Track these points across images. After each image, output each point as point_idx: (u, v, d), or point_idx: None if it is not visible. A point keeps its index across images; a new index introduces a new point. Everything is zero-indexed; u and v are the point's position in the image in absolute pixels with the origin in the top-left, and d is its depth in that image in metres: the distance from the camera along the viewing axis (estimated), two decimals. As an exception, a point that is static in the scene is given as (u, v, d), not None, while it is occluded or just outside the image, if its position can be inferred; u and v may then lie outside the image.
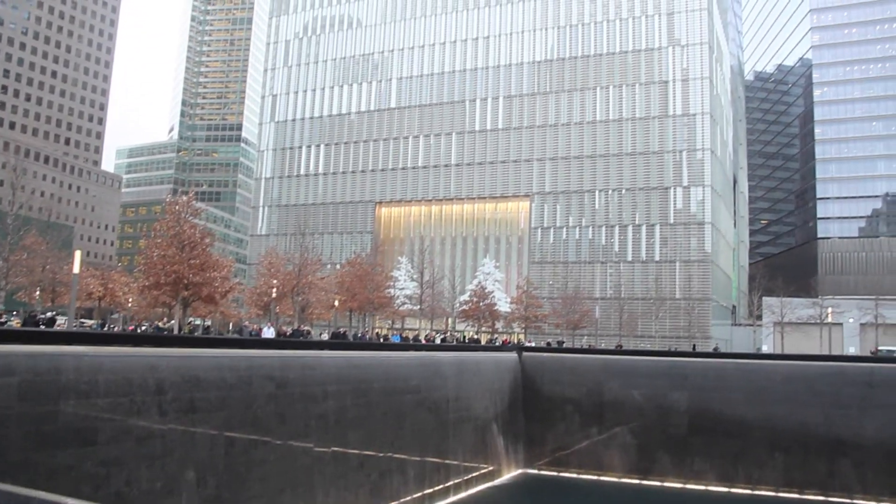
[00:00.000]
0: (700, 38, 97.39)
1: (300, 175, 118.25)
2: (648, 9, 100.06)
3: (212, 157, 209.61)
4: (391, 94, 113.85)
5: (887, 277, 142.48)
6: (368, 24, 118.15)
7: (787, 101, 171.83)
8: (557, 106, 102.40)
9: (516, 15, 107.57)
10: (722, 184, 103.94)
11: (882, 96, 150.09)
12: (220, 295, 56.80)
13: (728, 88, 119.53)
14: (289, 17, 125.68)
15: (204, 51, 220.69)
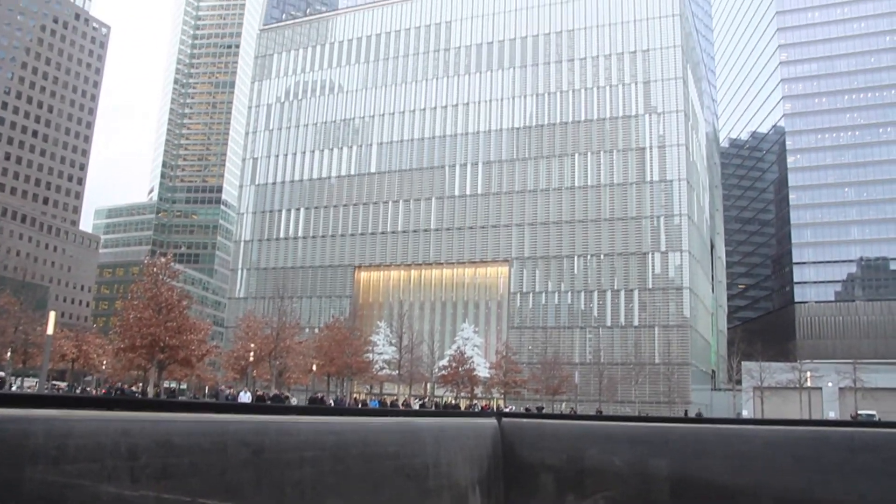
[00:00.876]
0: (676, 107, 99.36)
1: (279, 238, 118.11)
2: (625, 77, 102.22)
3: (191, 219, 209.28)
4: (371, 159, 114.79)
5: (864, 341, 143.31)
6: (350, 90, 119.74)
7: (762, 167, 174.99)
8: (536, 172, 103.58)
9: (495, 82, 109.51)
10: (699, 249, 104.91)
11: (853, 163, 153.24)
12: (197, 358, 56.12)
13: (704, 155, 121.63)
14: (271, 81, 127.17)
15: (186, 113, 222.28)
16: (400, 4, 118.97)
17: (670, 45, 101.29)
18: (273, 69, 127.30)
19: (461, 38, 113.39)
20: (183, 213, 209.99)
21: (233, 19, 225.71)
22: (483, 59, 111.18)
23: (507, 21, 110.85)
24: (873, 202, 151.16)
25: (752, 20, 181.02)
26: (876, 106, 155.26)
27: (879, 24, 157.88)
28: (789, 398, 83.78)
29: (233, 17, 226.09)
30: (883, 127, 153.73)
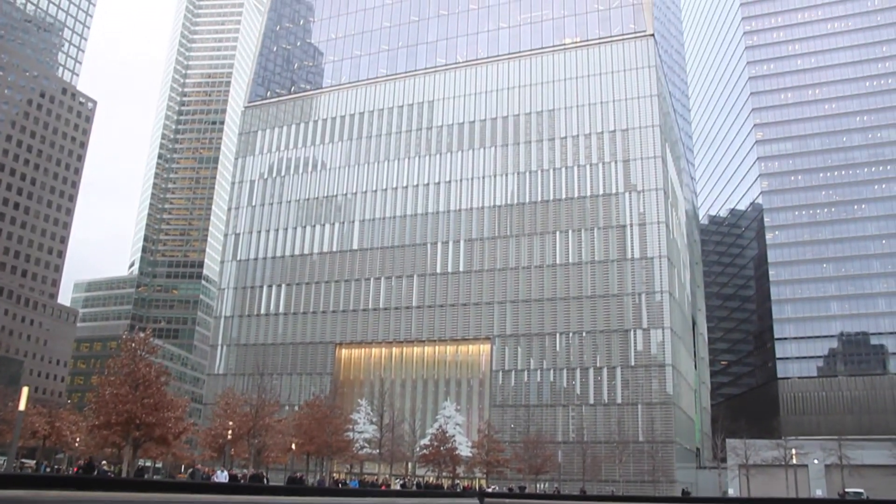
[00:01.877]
0: (655, 184, 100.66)
1: (260, 314, 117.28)
2: (605, 156, 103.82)
3: (172, 294, 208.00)
4: (353, 236, 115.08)
5: (848, 417, 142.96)
6: (333, 167, 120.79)
7: (741, 244, 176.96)
8: (518, 249, 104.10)
9: (477, 160, 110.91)
10: (681, 326, 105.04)
11: (830, 239, 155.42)
12: (174, 436, 55.02)
13: (684, 232, 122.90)
14: (254, 157, 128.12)
15: (169, 188, 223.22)
16: (383, 84, 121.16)
17: (649, 125, 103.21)
18: (257, 146, 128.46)
19: (443, 117, 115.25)
20: (163, 288, 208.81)
21: (218, 96, 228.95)
22: (465, 137, 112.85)
23: (488, 101, 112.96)
24: (852, 277, 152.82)
25: (727, 100, 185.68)
26: (850, 183, 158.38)
27: (849, 105, 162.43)
28: (776, 476, 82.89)
29: (218, 93, 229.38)
30: (857, 204, 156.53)
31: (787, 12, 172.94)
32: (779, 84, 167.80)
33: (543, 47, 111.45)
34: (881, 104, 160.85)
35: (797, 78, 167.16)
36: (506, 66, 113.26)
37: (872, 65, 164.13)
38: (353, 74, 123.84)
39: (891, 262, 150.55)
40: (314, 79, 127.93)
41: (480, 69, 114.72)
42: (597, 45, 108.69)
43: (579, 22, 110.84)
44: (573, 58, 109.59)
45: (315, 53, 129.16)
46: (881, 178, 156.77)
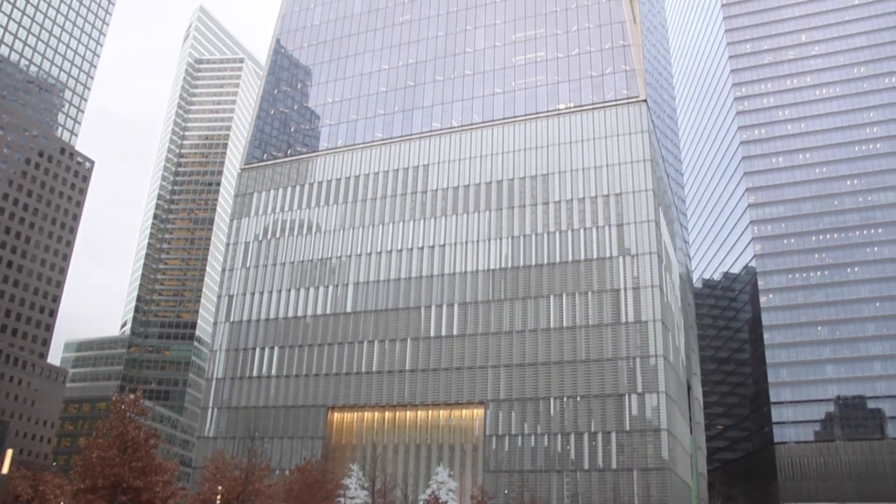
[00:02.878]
0: (649, 248, 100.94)
1: (252, 377, 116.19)
2: (599, 220, 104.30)
3: (163, 355, 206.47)
4: (347, 299, 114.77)
5: (847, 482, 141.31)
6: (328, 230, 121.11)
7: (736, 307, 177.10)
8: (512, 313, 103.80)
9: (472, 224, 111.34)
10: (676, 390, 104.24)
11: (824, 302, 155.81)
12: (161, 501, 54.14)
13: (678, 296, 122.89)
14: (250, 219, 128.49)
15: (164, 248, 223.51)
16: (379, 148, 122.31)
17: (642, 189, 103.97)
18: (252, 207, 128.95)
19: (438, 181, 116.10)
20: (155, 349, 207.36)
21: (215, 157, 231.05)
22: (460, 201, 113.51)
23: (483, 165, 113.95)
24: (847, 340, 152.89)
25: (720, 165, 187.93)
26: (842, 246, 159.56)
27: (840, 168, 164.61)
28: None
29: (215, 155, 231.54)
30: (850, 266, 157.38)
31: (777, 79, 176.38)
32: (770, 149, 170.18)
33: (538, 112, 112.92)
34: (871, 168, 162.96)
35: (788, 143, 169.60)
36: (500, 130, 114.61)
37: (860, 130, 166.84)
38: (350, 138, 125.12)
39: (885, 324, 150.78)
40: (311, 142, 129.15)
41: (475, 134, 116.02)
42: (590, 110, 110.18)
43: (573, 88, 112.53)
44: (567, 123, 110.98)
45: (312, 117, 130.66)
46: (873, 240, 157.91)
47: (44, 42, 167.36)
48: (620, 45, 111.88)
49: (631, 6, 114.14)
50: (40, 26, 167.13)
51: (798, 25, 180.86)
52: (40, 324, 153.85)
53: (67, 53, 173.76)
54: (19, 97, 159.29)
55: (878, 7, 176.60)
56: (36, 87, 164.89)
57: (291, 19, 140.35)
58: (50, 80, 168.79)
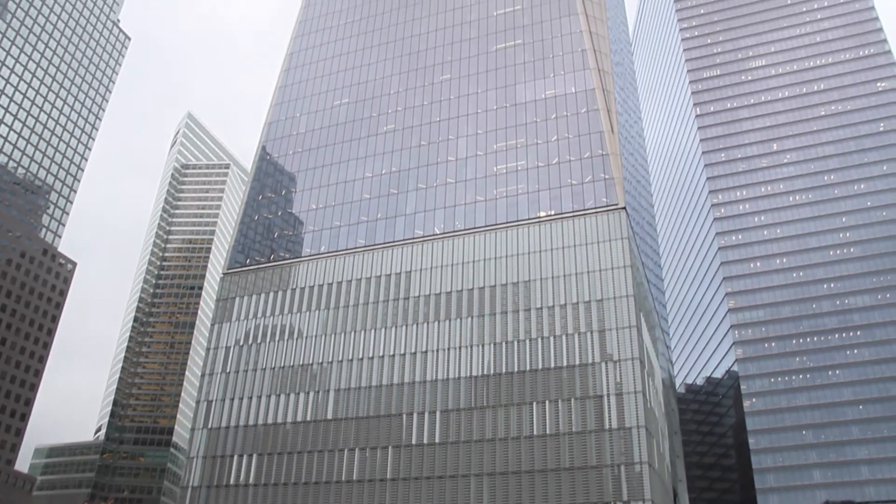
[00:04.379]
0: (631, 354, 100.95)
1: (230, 485, 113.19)
2: (581, 326, 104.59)
3: (138, 462, 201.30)
4: (328, 405, 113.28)
5: None
6: (309, 335, 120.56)
7: (720, 412, 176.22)
8: (494, 421, 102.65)
9: (454, 331, 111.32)
10: (662, 497, 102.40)
11: (808, 406, 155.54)
12: None
13: (661, 402, 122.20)
14: (231, 324, 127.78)
15: (143, 351, 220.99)
16: (361, 254, 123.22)
17: (623, 295, 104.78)
18: (234, 312, 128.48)
19: (420, 288, 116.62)
20: (129, 455, 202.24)
21: (198, 262, 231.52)
22: (442, 308, 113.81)
23: (465, 272, 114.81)
24: (832, 444, 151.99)
25: (699, 270, 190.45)
26: (822, 349, 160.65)
27: (817, 272, 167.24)
28: None
29: (198, 259, 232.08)
30: (831, 369, 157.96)
31: (752, 186, 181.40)
32: (748, 254, 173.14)
33: (519, 220, 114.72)
34: (846, 272, 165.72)
35: (765, 248, 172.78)
36: (482, 238, 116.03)
37: (834, 234, 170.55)
38: (333, 244, 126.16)
39: (870, 427, 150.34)
40: (294, 247, 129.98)
41: (457, 241, 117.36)
42: (570, 218, 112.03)
43: (553, 196, 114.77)
44: (548, 230, 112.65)
45: (295, 223, 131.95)
46: (851, 343, 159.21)
47: (33, 145, 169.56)
48: (599, 154, 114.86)
49: (608, 117, 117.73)
50: (31, 130, 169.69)
51: (770, 135, 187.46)
52: (10, 428, 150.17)
53: (55, 156, 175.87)
54: (4, 198, 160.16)
55: (844, 118, 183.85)
56: (22, 189, 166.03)
57: (277, 127, 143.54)
58: (37, 182, 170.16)
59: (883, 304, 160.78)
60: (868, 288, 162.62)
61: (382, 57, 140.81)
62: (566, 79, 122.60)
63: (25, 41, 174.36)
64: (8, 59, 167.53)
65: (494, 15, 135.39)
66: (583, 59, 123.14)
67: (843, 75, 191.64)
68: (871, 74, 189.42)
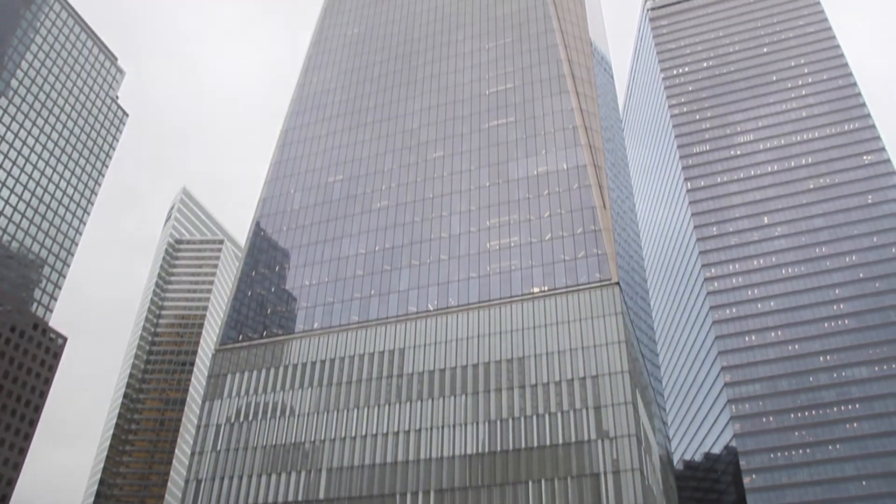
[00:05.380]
0: (628, 431, 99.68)
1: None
2: (576, 403, 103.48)
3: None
4: (321, 485, 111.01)
5: None
6: (302, 413, 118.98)
7: (719, 489, 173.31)
8: (489, 499, 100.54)
9: (448, 409, 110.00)
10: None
11: (809, 482, 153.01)
12: None
13: (659, 479, 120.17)
14: (223, 401, 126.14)
15: (132, 429, 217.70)
16: (355, 331, 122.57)
17: (618, 371, 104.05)
18: (226, 389, 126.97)
19: (414, 365, 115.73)
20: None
21: (190, 338, 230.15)
22: (436, 385, 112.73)
23: (459, 349, 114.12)
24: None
25: (694, 344, 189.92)
26: (821, 423, 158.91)
27: (813, 345, 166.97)
28: None
29: (190, 335, 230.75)
30: (831, 444, 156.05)
31: (744, 259, 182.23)
32: (742, 327, 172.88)
33: (512, 296, 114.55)
34: (842, 344, 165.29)
35: (759, 321, 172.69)
36: (476, 314, 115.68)
37: (828, 307, 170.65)
38: (326, 321, 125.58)
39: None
40: (287, 324, 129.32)
41: (451, 318, 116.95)
42: (564, 293, 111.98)
43: (547, 272, 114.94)
44: (542, 306, 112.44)
45: (289, 299, 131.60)
46: (850, 417, 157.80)
47: (28, 218, 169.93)
48: (592, 229, 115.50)
49: (600, 193, 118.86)
50: (26, 203, 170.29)
51: (760, 209, 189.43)
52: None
53: (50, 230, 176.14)
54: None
55: (833, 191, 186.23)
56: (15, 262, 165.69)
57: (272, 203, 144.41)
58: (30, 255, 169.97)
59: (881, 377, 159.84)
60: (865, 360, 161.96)
61: (376, 134, 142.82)
62: (558, 155, 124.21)
63: (25, 117, 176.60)
64: (7, 135, 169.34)
65: (487, 93, 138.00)
66: (574, 135, 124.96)
67: (829, 149, 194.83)
68: (857, 148, 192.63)
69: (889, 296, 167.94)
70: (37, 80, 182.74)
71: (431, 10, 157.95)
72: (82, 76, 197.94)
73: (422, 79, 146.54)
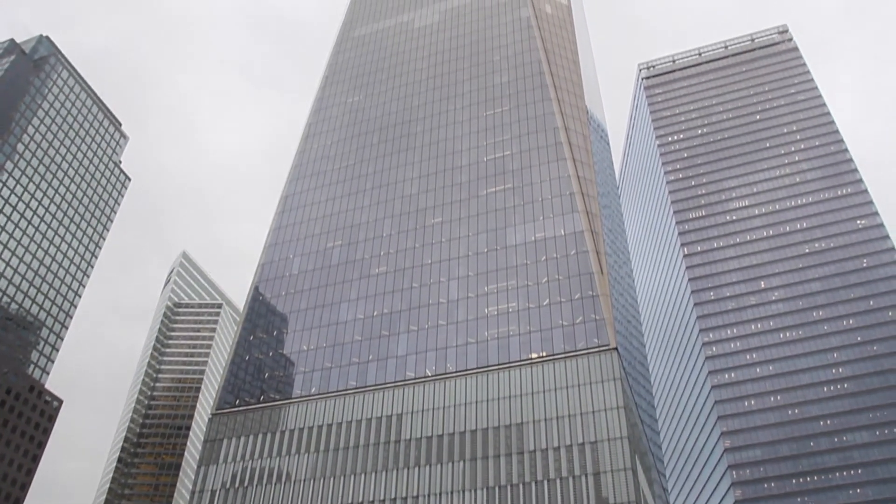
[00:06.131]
0: (627, 498, 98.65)
1: None
2: (575, 469, 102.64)
3: None
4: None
5: None
6: (298, 479, 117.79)
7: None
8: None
9: (446, 475, 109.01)
10: None
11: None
12: None
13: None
14: (218, 466, 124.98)
15: (126, 493, 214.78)
16: (353, 396, 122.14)
17: (617, 437, 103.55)
18: (221, 454, 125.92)
19: (412, 431, 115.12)
20: None
21: (186, 401, 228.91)
22: (434, 451, 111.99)
23: (457, 414, 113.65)
24: None
25: (693, 409, 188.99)
26: (823, 489, 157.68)
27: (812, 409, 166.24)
28: None
29: (186, 399, 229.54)
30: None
31: (742, 324, 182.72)
32: (741, 392, 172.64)
33: (510, 362, 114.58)
34: (842, 408, 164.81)
35: (758, 385, 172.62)
36: (474, 380, 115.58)
37: (826, 371, 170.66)
38: (323, 386, 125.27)
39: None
40: (284, 388, 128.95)
41: (449, 383, 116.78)
42: (562, 359, 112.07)
43: (545, 337, 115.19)
44: (540, 372, 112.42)
45: (286, 364, 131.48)
46: (853, 482, 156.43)
47: (28, 280, 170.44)
48: (589, 295, 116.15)
49: (598, 258, 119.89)
50: (27, 266, 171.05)
51: (756, 273, 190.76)
52: None
53: (49, 292, 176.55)
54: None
55: (828, 255, 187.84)
56: (13, 324, 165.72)
57: (271, 268, 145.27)
58: (28, 317, 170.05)
59: (882, 441, 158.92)
60: (865, 424, 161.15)
61: (375, 200, 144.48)
62: (555, 221, 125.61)
63: (30, 180, 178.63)
64: (11, 198, 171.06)
65: (485, 160, 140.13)
66: (571, 202, 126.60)
67: (823, 214, 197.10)
68: (851, 213, 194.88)
69: (888, 359, 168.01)
70: (42, 145, 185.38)
71: (430, 79, 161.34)
72: (87, 141, 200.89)
73: (420, 146, 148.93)
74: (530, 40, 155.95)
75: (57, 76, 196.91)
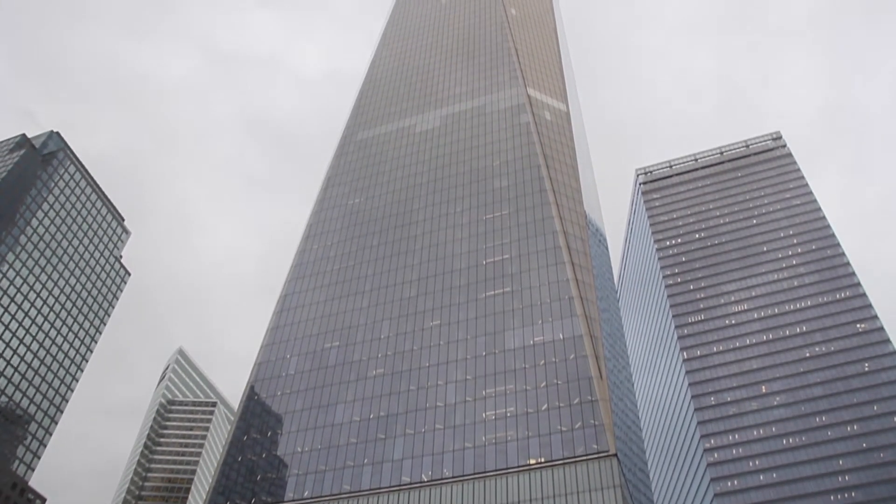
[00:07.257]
0: None
1: None
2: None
3: None
4: None
5: None
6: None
7: None
8: None
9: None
10: None
11: None
12: None
13: None
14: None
15: None
16: (346, 500, 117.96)
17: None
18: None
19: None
20: None
21: (175, 502, 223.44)
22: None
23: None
24: None
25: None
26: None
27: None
28: None
29: (176, 499, 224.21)
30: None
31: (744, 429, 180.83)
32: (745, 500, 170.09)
33: (508, 467, 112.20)
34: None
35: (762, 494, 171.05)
36: (471, 486, 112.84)
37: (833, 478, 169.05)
38: (316, 489, 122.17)
39: None
40: (276, 491, 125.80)
41: (445, 489, 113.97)
42: (561, 465, 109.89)
43: (543, 443, 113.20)
44: (538, 478, 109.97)
45: (280, 465, 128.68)
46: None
47: (20, 373, 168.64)
48: (588, 400, 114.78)
49: (597, 363, 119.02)
50: (20, 358, 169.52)
51: (757, 378, 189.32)
52: None
53: (42, 386, 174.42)
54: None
55: (829, 359, 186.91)
56: (2, 418, 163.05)
57: (267, 368, 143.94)
58: (18, 411, 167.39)
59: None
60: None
61: (373, 302, 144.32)
62: (554, 325, 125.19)
63: (30, 272, 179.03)
64: (10, 289, 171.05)
65: (483, 263, 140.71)
66: (570, 306, 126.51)
67: (822, 317, 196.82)
68: (850, 316, 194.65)
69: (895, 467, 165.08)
70: (45, 237, 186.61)
71: (430, 183, 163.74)
72: (89, 234, 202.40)
73: (419, 248, 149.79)
74: (529, 146, 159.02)
75: (64, 170, 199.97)
